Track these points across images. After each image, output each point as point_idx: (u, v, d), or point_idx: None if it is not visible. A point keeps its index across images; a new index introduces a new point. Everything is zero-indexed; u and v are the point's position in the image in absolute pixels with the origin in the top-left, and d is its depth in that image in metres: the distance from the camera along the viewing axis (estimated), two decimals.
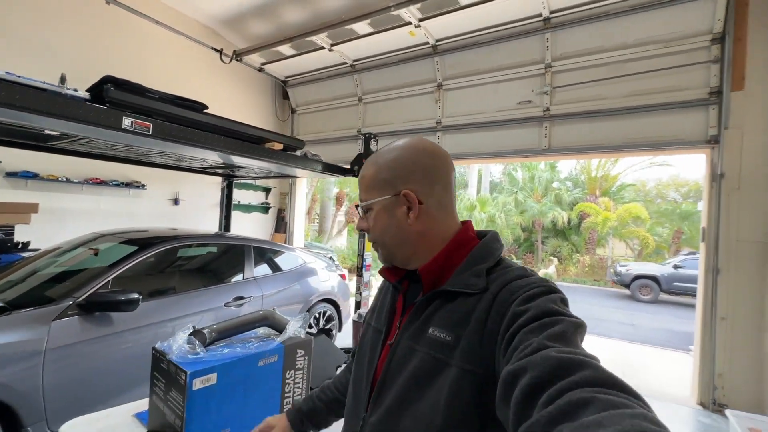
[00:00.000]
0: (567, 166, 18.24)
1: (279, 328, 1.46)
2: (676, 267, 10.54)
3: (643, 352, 5.44)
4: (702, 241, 3.42)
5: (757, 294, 3.06)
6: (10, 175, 3.45)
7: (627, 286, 11.14)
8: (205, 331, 1.28)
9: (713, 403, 3.14)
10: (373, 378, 0.75)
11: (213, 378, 1.15)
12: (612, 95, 3.67)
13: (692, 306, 9.35)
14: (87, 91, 2.04)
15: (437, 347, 0.65)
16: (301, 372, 1.43)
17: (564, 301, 0.60)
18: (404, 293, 0.80)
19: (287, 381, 1.38)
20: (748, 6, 3.13)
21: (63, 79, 1.82)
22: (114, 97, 2.02)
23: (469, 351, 0.61)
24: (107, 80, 2.03)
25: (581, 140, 3.86)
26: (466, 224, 0.78)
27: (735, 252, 3.15)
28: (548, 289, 0.61)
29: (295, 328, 1.46)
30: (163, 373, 1.19)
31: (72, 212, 3.90)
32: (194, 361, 1.16)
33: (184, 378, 1.09)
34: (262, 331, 1.48)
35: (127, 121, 2.04)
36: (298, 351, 1.42)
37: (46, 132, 2.22)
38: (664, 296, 10.72)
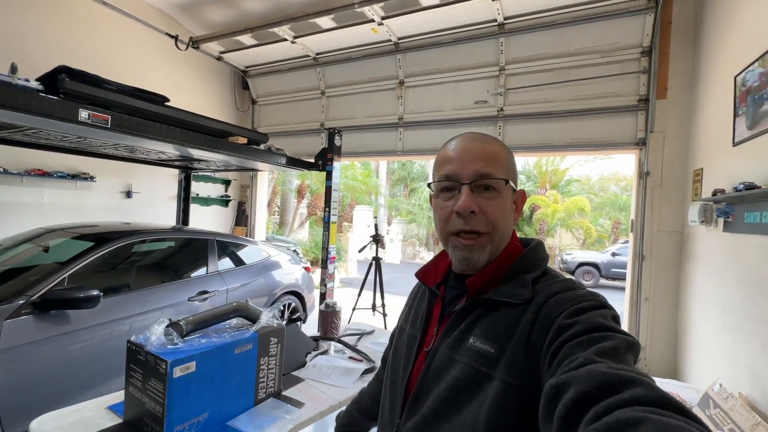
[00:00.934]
0: (520, 160, 19.24)
1: (252, 318, 1.54)
2: (614, 254, 11.59)
3: None
4: (631, 231, 3.87)
5: (674, 277, 3.53)
6: None
7: (572, 272, 12.07)
8: (182, 323, 1.33)
9: None
10: (407, 385, 0.73)
11: (192, 366, 1.22)
12: (558, 99, 4.01)
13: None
14: (38, 81, 1.95)
15: (479, 359, 0.62)
16: (275, 358, 1.52)
17: (615, 318, 0.56)
18: (442, 298, 0.77)
19: (261, 367, 1.47)
20: (671, 24, 3.55)
21: (14, 69, 1.74)
22: (69, 88, 1.95)
23: (514, 364, 0.58)
24: (61, 70, 1.96)
25: (531, 139, 4.18)
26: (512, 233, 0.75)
27: (657, 240, 3.61)
28: (599, 303, 0.57)
29: (267, 317, 1.55)
30: (141, 364, 1.24)
31: (11, 206, 3.63)
32: (173, 351, 1.22)
33: (164, 367, 1.16)
34: (235, 321, 1.55)
35: (84, 113, 1.99)
36: (272, 339, 1.51)
37: None
38: (603, 281, 11.77)
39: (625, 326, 3.86)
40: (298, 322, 4.02)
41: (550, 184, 17.50)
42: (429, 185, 0.76)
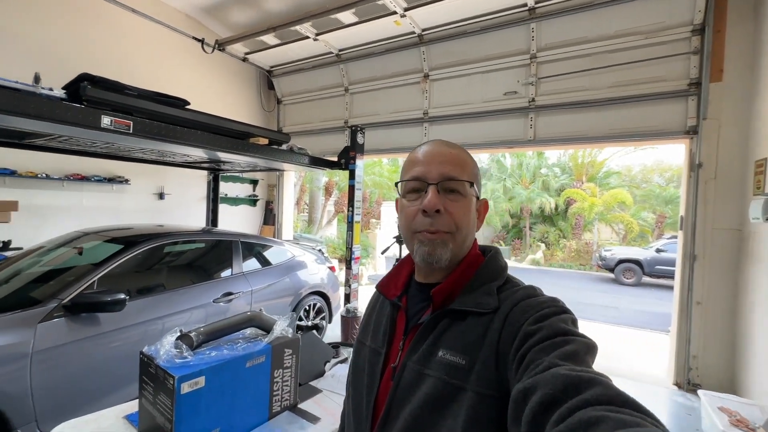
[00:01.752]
0: (555, 152, 18.41)
1: (266, 328, 1.48)
2: (658, 251, 10.83)
3: (625, 335, 5.64)
4: (680, 229, 3.53)
5: (731, 280, 3.18)
6: None
7: (611, 270, 11.41)
8: (192, 335, 1.29)
9: (688, 383, 3.30)
10: (374, 404, 0.70)
11: (201, 381, 1.17)
12: (595, 86, 3.71)
13: (673, 288, 9.70)
14: (63, 89, 1.99)
15: (451, 371, 0.61)
16: (290, 370, 1.46)
17: (574, 322, 0.59)
18: (405, 310, 0.75)
19: (276, 380, 1.41)
20: None
21: (37, 79, 1.77)
22: (91, 95, 1.98)
23: (485, 374, 0.58)
24: (83, 78, 1.99)
25: (566, 131, 3.90)
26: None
27: (711, 239, 3.26)
28: (559, 309, 0.60)
29: (282, 327, 1.49)
30: (152, 377, 1.21)
31: (53, 209, 3.83)
32: (182, 365, 1.18)
33: (172, 382, 1.12)
34: (249, 331, 1.50)
35: (106, 120, 2.01)
36: (286, 350, 1.45)
37: (22, 129, 2.17)
38: (646, 279, 11.04)
39: (674, 332, 3.55)
40: (323, 322, 4.00)
41: (587, 177, 16.65)
42: (396, 185, 0.77)
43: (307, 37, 4.67)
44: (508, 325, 0.59)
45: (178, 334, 1.29)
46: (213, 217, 4.66)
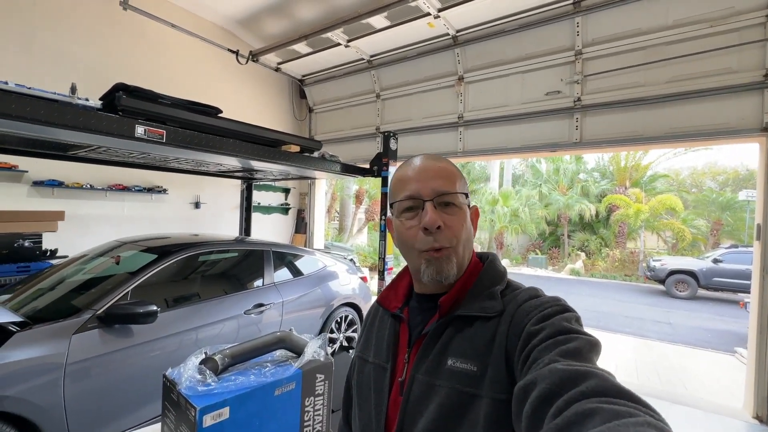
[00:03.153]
0: (594, 156, 17.50)
1: (297, 350, 1.35)
2: (715, 261, 9.93)
3: (683, 354, 5.11)
4: (757, 239, 3.11)
5: None
6: (37, 183, 3.52)
7: (662, 281, 10.59)
8: (217, 358, 1.18)
9: None
10: (385, 422, 0.69)
11: (225, 412, 1.05)
12: (651, 82, 3.38)
13: (734, 302, 8.79)
14: (100, 99, 2.00)
15: (463, 379, 0.60)
16: (321, 398, 1.32)
17: (578, 320, 0.58)
18: (408, 322, 0.74)
19: (306, 409, 1.27)
20: None
21: (73, 89, 1.77)
22: (126, 105, 1.97)
23: (498, 379, 0.57)
24: (118, 88, 1.98)
25: (617, 132, 3.58)
26: None
27: None
28: (562, 308, 0.59)
29: (313, 349, 1.35)
30: (174, 404, 1.10)
31: (97, 218, 3.96)
32: (205, 393, 1.07)
33: (193, 414, 1.00)
34: (278, 353, 1.38)
35: (140, 129, 1.99)
36: (318, 376, 1.30)
37: (65, 141, 2.21)
38: (702, 292, 10.14)
39: (751, 356, 3.11)
40: (354, 335, 3.86)
41: (631, 182, 15.65)
42: (390, 206, 0.76)
43: (339, 44, 4.63)
44: (513, 327, 0.60)
45: (203, 356, 1.19)
46: (246, 225, 4.67)
